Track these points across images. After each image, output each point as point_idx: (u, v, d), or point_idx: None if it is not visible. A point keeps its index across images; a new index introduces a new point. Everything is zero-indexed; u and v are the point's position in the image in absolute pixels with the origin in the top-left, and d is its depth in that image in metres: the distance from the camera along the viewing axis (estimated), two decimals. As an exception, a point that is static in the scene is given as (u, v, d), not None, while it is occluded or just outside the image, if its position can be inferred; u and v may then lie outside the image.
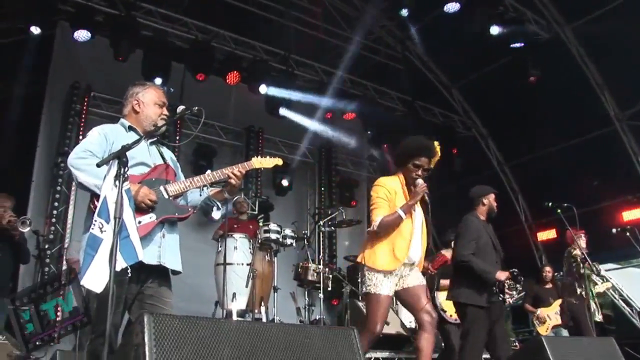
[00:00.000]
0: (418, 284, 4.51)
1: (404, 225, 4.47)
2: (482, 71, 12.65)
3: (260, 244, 8.27)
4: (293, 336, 2.64)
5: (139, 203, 3.41)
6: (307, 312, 8.79)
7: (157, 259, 3.53)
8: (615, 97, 11.68)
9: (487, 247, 5.90)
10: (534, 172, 12.79)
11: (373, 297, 4.41)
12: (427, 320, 4.40)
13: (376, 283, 4.38)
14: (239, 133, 12.15)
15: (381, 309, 4.40)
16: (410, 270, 4.57)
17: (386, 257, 4.41)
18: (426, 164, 4.57)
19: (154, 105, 3.84)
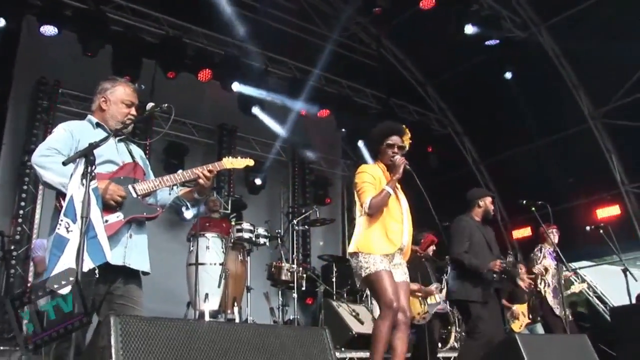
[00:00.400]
0: (401, 280, 4.49)
1: (394, 209, 4.51)
2: (457, 69, 12.72)
3: (233, 244, 8.24)
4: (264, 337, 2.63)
5: (107, 200, 3.36)
6: (280, 313, 8.81)
7: (123, 259, 3.48)
8: (589, 95, 11.86)
9: (480, 247, 6.18)
10: (509, 170, 12.90)
11: (374, 276, 4.33)
12: (402, 319, 4.38)
13: (374, 262, 4.33)
14: (212, 131, 12.06)
15: (388, 283, 4.29)
16: (399, 257, 4.57)
17: (382, 241, 4.41)
18: (398, 141, 4.67)
19: (121, 104, 3.78)
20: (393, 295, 4.25)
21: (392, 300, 4.24)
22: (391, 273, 4.36)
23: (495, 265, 5.91)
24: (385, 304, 4.28)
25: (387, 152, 4.66)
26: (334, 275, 9.11)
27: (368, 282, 4.43)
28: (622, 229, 11.01)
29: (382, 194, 4.42)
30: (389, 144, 4.66)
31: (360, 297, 9.25)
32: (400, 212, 4.55)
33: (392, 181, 4.51)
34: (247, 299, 8.22)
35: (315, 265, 11.86)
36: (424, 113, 13.89)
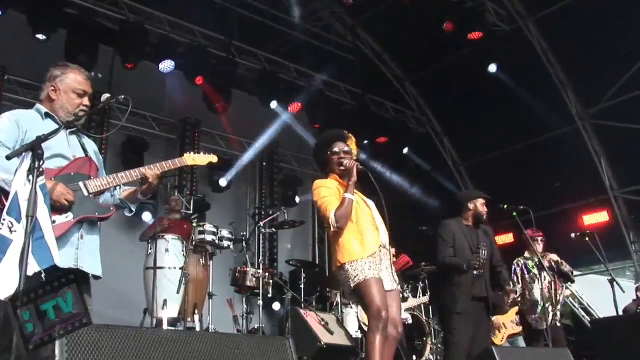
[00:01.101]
0: (392, 289, 4.48)
1: (361, 211, 4.50)
2: (438, 64, 12.80)
3: (195, 247, 8.20)
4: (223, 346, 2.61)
5: (53, 202, 3.27)
6: (245, 321, 8.78)
7: (74, 262, 3.41)
8: (578, 94, 11.97)
9: (463, 252, 6.24)
10: (491, 172, 12.91)
11: (362, 284, 4.27)
12: (392, 333, 4.32)
13: (362, 270, 4.30)
14: (174, 125, 12.00)
15: (376, 291, 4.23)
16: (387, 260, 4.55)
17: (360, 245, 4.39)
18: (343, 147, 4.68)
19: (72, 93, 3.68)
20: (381, 304, 4.21)
21: (380, 309, 4.18)
22: (381, 281, 4.34)
23: (469, 262, 6.04)
24: (372, 314, 4.22)
25: (333, 160, 4.66)
26: (303, 282, 9.09)
27: (356, 292, 4.36)
28: (610, 236, 11.13)
29: (345, 203, 4.40)
30: (333, 152, 4.67)
31: (330, 306, 9.25)
32: (370, 214, 4.55)
33: (349, 187, 4.49)
34: (208, 306, 8.18)
35: (282, 270, 11.84)
36: (402, 110, 13.95)
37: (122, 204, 3.86)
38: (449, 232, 6.34)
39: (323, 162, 4.77)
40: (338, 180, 4.62)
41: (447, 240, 6.30)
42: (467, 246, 6.25)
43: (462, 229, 6.37)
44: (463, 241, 6.28)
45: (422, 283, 9.35)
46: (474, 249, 6.20)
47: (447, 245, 6.27)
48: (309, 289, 9.33)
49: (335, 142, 4.72)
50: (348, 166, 4.53)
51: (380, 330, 4.16)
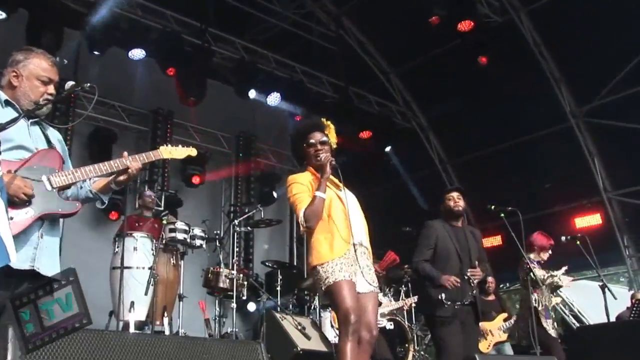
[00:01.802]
0: (369, 291, 4.47)
1: (333, 208, 4.49)
2: (425, 57, 12.84)
3: (165, 245, 8.15)
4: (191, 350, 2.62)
5: (11, 197, 3.20)
6: (217, 325, 8.75)
7: (31, 262, 3.34)
8: (572, 90, 12.03)
9: (445, 255, 6.13)
10: (479, 171, 13.02)
11: (333, 286, 4.27)
12: (366, 337, 4.33)
13: (333, 272, 4.29)
14: (145, 116, 11.98)
15: (346, 294, 4.22)
16: (366, 259, 4.55)
17: (329, 247, 4.36)
18: (320, 137, 4.68)
19: (35, 80, 3.60)
20: (351, 308, 4.18)
21: (348, 313, 4.15)
22: (353, 283, 4.32)
23: (446, 280, 5.84)
24: (341, 318, 4.21)
25: (309, 153, 4.66)
26: (279, 283, 9.08)
27: (327, 295, 4.36)
28: (602, 240, 11.21)
29: (315, 202, 4.37)
30: (310, 143, 4.65)
31: (307, 309, 9.26)
32: (344, 210, 4.53)
33: (321, 184, 4.46)
34: (179, 308, 8.14)
35: (258, 271, 11.87)
36: (386, 104, 13.98)
37: (93, 196, 3.83)
38: (431, 233, 6.24)
39: (300, 155, 4.78)
40: (315, 173, 4.62)
41: (427, 242, 6.20)
42: (454, 249, 6.12)
43: (447, 231, 6.24)
44: (448, 244, 6.15)
45: (405, 286, 9.37)
46: (460, 253, 6.11)
47: (426, 247, 6.17)
48: (285, 291, 9.32)
49: (312, 132, 4.71)
50: (322, 161, 4.52)
51: (349, 336, 4.14)
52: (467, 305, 6.01)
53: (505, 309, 9.49)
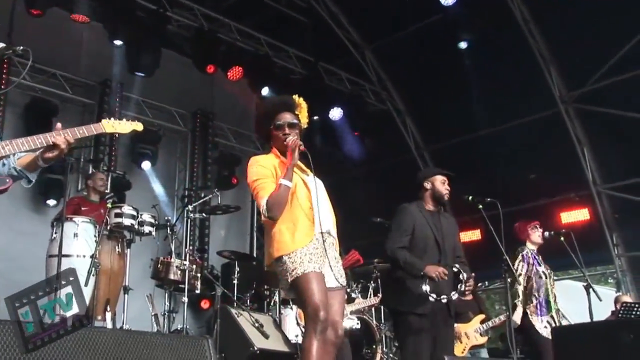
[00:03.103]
0: (335, 286, 4.44)
1: (299, 194, 4.44)
2: (403, 32, 12.80)
3: (110, 232, 8.06)
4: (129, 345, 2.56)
5: None
6: (166, 320, 8.69)
7: None
8: (562, 73, 12.04)
9: (424, 242, 6.07)
10: (458, 159, 12.91)
11: (301, 278, 4.23)
12: (331, 338, 4.28)
13: (301, 262, 4.23)
14: (91, 88, 11.82)
15: (316, 288, 4.19)
16: (333, 250, 4.50)
17: (291, 236, 4.33)
18: (289, 118, 4.63)
19: None
20: (321, 303, 4.15)
21: (317, 309, 4.13)
22: (323, 276, 4.30)
23: (433, 270, 5.70)
24: (309, 315, 4.18)
25: (276, 136, 4.61)
26: (236, 276, 9.04)
27: (294, 287, 4.31)
28: (590, 237, 11.28)
29: (280, 191, 4.34)
30: (277, 125, 4.61)
31: (267, 305, 9.22)
32: (308, 194, 4.48)
33: (287, 171, 4.42)
34: (124, 302, 8.05)
35: (213, 262, 11.82)
36: (359, 83, 13.96)
37: (17, 174, 3.74)
38: (407, 217, 6.15)
39: (265, 132, 4.72)
40: (280, 157, 4.56)
41: (404, 226, 6.09)
42: (432, 236, 6.07)
43: (424, 215, 6.18)
44: (426, 230, 6.09)
45: (374, 282, 9.36)
46: (440, 241, 6.04)
47: (402, 233, 6.06)
48: (243, 285, 9.28)
49: (280, 112, 4.65)
50: (290, 146, 4.47)
51: (317, 334, 4.13)
52: (438, 302, 5.88)
53: (482, 310, 9.54)
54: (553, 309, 7.58)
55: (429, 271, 5.69)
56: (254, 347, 7.21)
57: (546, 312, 7.53)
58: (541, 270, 7.67)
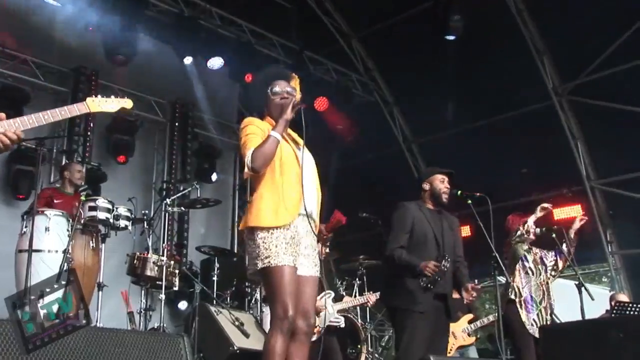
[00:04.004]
0: (309, 274, 4.40)
1: (287, 166, 4.40)
2: (392, 20, 12.79)
3: (83, 226, 7.98)
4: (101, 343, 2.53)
5: None
6: (143, 318, 8.63)
7: None
8: (556, 65, 12.08)
9: (423, 241, 6.16)
10: (447, 152, 12.99)
11: (273, 270, 4.18)
12: (301, 327, 4.24)
13: (276, 252, 4.19)
14: (65, 75, 11.74)
15: (287, 285, 4.15)
16: (312, 236, 4.47)
17: (275, 210, 4.27)
18: (286, 86, 4.62)
19: None
20: (291, 302, 4.12)
21: (287, 309, 4.10)
22: (295, 270, 4.26)
23: (425, 267, 5.86)
24: (277, 312, 4.14)
25: (274, 102, 4.57)
26: (216, 273, 9.01)
27: (264, 276, 4.28)
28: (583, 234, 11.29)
29: (268, 142, 4.28)
30: (275, 91, 4.58)
31: (247, 303, 9.20)
32: (298, 172, 4.44)
33: (279, 124, 4.37)
34: (97, 299, 7.98)
35: (192, 258, 11.77)
36: (346, 73, 13.95)
37: None
38: (405, 216, 6.25)
39: (260, 103, 4.68)
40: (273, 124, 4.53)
41: (403, 225, 6.21)
42: (432, 234, 6.17)
43: (423, 213, 6.29)
44: (425, 228, 6.20)
45: (360, 280, 9.36)
46: (439, 239, 6.15)
47: (401, 232, 6.18)
48: (223, 281, 9.27)
49: (277, 80, 4.64)
50: (285, 102, 4.44)
51: (283, 334, 4.11)
52: (440, 297, 6.08)
53: (471, 310, 9.55)
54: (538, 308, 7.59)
55: (423, 266, 5.86)
56: (233, 347, 7.20)
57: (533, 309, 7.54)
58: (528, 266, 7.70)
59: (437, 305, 6.08)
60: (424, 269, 5.85)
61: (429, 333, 5.94)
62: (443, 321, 6.21)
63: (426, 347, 5.86)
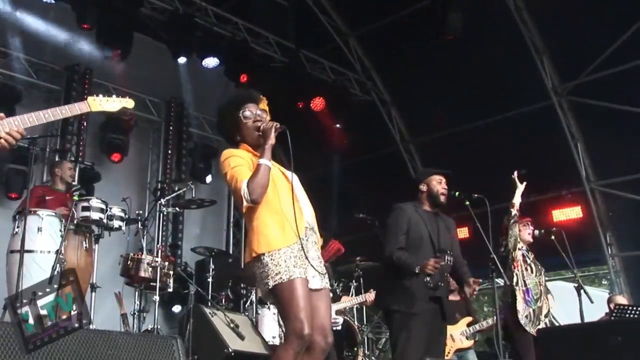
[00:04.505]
0: (321, 287, 4.40)
1: (280, 187, 4.41)
2: (390, 19, 12.77)
3: (76, 226, 7.97)
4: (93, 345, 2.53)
5: None
6: (136, 320, 8.63)
7: None
8: (555, 64, 12.05)
9: (419, 242, 6.20)
10: (445, 152, 13.00)
11: (286, 286, 4.15)
12: (319, 343, 4.21)
13: (287, 267, 4.15)
14: (58, 73, 11.74)
15: (302, 300, 4.12)
16: (315, 248, 4.47)
17: (281, 231, 4.27)
18: (256, 109, 4.61)
19: None
20: (307, 319, 4.08)
21: (303, 326, 4.05)
22: (306, 282, 4.23)
23: (424, 266, 5.87)
24: (294, 329, 4.09)
25: (246, 125, 4.56)
26: (211, 274, 9.01)
27: (275, 294, 4.22)
28: (583, 236, 11.31)
29: (260, 170, 4.28)
30: (245, 115, 4.57)
31: (243, 305, 9.19)
32: (290, 189, 4.44)
33: (265, 151, 4.37)
34: (91, 300, 7.99)
35: (187, 259, 11.76)
36: (343, 72, 13.92)
37: None
38: (403, 217, 6.28)
39: (231, 128, 4.65)
40: (251, 151, 4.53)
41: (400, 227, 6.24)
42: (427, 235, 6.21)
43: (420, 215, 6.31)
44: (422, 229, 6.23)
45: (356, 281, 9.36)
46: (435, 240, 6.18)
47: (398, 233, 6.21)
48: (218, 283, 9.28)
49: (247, 103, 4.62)
50: (265, 127, 4.42)
51: (295, 352, 4.07)
52: (436, 299, 6.11)
53: (470, 312, 9.54)
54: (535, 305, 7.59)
55: (422, 268, 5.87)
56: (228, 349, 7.18)
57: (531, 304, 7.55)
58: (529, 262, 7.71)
59: (433, 308, 6.11)
60: (424, 269, 5.86)
61: (425, 335, 5.98)
62: (439, 323, 6.22)
63: (423, 349, 5.90)
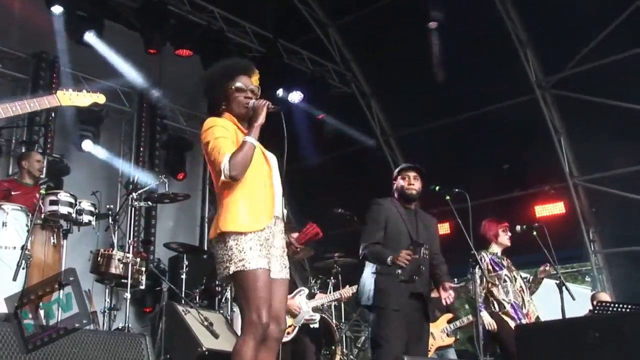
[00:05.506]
0: (280, 277, 4.37)
1: (258, 169, 4.37)
2: (370, 9, 12.77)
3: (44, 220, 7.87)
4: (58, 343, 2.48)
5: None
6: (107, 318, 8.57)
7: None
8: (539, 56, 12.11)
9: (396, 238, 6.20)
10: (426, 147, 13.05)
11: (248, 275, 4.12)
12: (273, 333, 4.23)
13: (251, 256, 4.12)
14: (24, 61, 11.65)
15: (263, 290, 4.11)
16: (280, 238, 4.44)
17: (249, 215, 4.24)
18: (249, 83, 4.56)
19: None
20: (266, 309, 4.10)
21: (261, 315, 4.07)
22: (269, 273, 4.22)
23: (396, 258, 5.80)
24: (251, 318, 4.10)
25: (236, 98, 4.49)
26: (184, 271, 8.97)
27: (237, 280, 4.22)
28: (565, 232, 11.35)
29: (245, 148, 4.23)
30: (237, 87, 4.50)
31: (218, 302, 9.13)
32: (269, 174, 4.41)
33: (254, 129, 4.34)
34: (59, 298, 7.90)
35: (160, 255, 11.69)
36: (322, 63, 13.95)
37: None
38: (380, 212, 6.31)
39: (218, 97, 4.57)
40: (235, 122, 4.46)
41: (377, 222, 6.27)
42: (405, 230, 6.22)
43: (398, 210, 6.34)
44: (400, 225, 6.25)
45: (334, 278, 9.33)
46: (413, 236, 6.16)
47: (376, 229, 6.23)
48: (192, 280, 9.22)
49: (240, 75, 4.56)
50: (255, 105, 4.38)
51: (255, 341, 4.08)
52: (418, 295, 6.12)
53: (450, 309, 9.54)
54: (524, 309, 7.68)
55: (394, 259, 5.81)
56: (202, 347, 7.16)
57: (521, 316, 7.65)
58: (504, 274, 7.79)
59: (414, 305, 6.12)
60: (396, 260, 5.79)
61: (405, 332, 5.99)
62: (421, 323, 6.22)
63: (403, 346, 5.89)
